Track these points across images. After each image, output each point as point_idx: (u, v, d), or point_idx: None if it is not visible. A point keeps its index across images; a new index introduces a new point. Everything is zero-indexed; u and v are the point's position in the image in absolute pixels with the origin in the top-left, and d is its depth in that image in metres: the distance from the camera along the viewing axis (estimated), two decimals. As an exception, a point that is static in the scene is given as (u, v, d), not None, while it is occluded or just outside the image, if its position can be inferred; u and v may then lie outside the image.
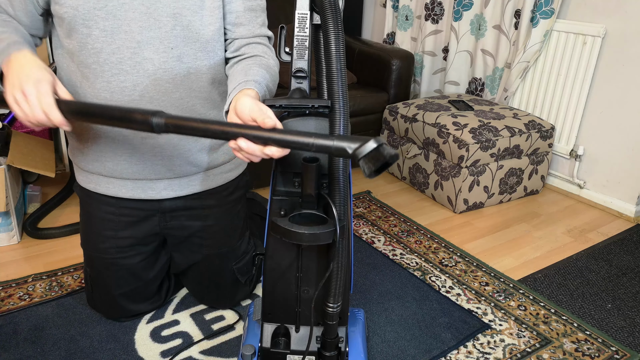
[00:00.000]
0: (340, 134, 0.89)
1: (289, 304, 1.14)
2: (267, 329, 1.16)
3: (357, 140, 0.79)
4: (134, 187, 1.27)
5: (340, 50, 0.90)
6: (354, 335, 1.22)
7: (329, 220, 0.98)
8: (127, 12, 1.09)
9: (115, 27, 1.09)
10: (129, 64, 1.12)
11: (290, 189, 1.05)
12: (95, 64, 1.12)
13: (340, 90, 0.91)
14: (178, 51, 1.15)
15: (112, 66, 1.12)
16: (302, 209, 1.01)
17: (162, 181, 1.28)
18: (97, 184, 1.28)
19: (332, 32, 0.90)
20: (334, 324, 1.08)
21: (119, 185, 1.27)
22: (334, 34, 0.90)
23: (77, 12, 1.07)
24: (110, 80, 1.13)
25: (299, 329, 1.16)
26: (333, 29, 0.90)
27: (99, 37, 1.09)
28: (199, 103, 1.22)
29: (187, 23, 1.13)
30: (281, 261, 1.10)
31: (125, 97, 1.14)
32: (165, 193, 1.29)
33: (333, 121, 0.91)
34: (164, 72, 1.15)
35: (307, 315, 1.15)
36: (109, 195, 1.29)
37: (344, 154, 0.80)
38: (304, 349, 1.13)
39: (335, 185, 0.95)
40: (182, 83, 1.18)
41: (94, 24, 1.08)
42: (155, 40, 1.12)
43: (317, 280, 1.10)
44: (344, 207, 0.97)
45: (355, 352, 1.18)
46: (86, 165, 1.27)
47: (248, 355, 1.09)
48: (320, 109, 1.00)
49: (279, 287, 1.13)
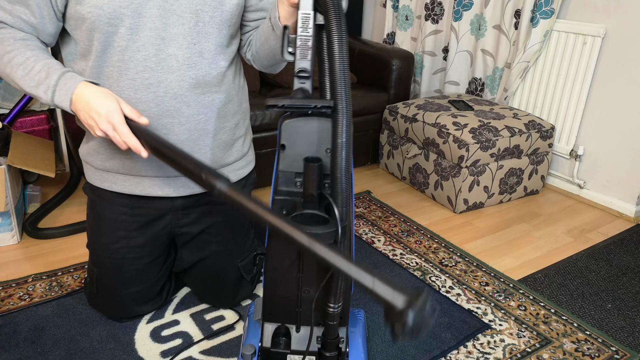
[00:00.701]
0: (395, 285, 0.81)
1: (289, 304, 1.14)
2: (268, 328, 1.16)
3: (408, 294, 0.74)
4: (151, 185, 1.28)
5: (343, 51, 0.90)
6: (354, 336, 1.22)
7: (331, 220, 0.98)
8: (151, 9, 1.10)
9: (141, 25, 1.11)
10: (154, 60, 1.14)
11: (292, 189, 1.05)
12: (120, 61, 1.13)
13: (343, 91, 0.91)
14: (200, 47, 1.17)
15: (137, 63, 1.13)
16: (304, 209, 1.01)
17: (179, 178, 1.29)
18: (113, 182, 1.29)
19: (335, 33, 0.90)
20: (335, 324, 1.08)
21: (136, 183, 1.28)
22: (338, 35, 0.90)
23: (103, 11, 1.08)
24: (135, 77, 1.15)
25: (299, 329, 1.16)
26: (336, 29, 0.90)
27: (124, 35, 1.11)
28: (219, 98, 1.25)
29: (208, 19, 1.16)
30: (282, 261, 1.10)
31: (150, 94, 1.16)
32: (182, 190, 1.30)
33: (336, 122, 0.91)
34: (187, 68, 1.17)
35: (308, 315, 1.14)
36: (125, 194, 1.29)
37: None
38: (305, 349, 1.13)
39: (337, 186, 0.95)
40: (204, 78, 1.20)
41: (120, 22, 1.09)
42: (179, 36, 1.14)
43: (318, 281, 1.09)
44: (345, 208, 0.97)
45: (355, 352, 1.17)
46: (102, 164, 1.27)
47: (248, 355, 1.09)
48: (322, 109, 0.99)
49: (279, 287, 1.12)
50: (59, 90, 1.07)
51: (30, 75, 1.08)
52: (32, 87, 1.08)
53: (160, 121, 1.19)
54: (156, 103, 1.17)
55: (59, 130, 2.22)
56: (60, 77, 1.07)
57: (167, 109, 1.18)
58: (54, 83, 1.07)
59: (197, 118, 1.22)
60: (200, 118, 1.22)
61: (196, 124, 1.22)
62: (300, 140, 1.03)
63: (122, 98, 1.15)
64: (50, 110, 2.26)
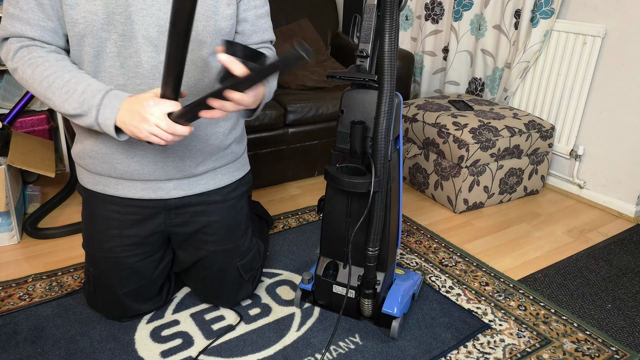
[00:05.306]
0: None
1: (339, 244, 1.42)
2: (322, 261, 1.46)
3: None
4: (144, 188, 1.28)
5: (392, 37, 1.11)
6: (398, 287, 1.45)
7: (367, 173, 1.25)
8: (144, 17, 1.10)
9: (134, 32, 1.10)
10: (146, 67, 1.14)
11: (345, 147, 1.33)
12: (111, 67, 1.13)
13: (387, 68, 1.13)
14: (192, 55, 1.17)
15: (129, 69, 1.13)
16: (350, 163, 1.31)
17: (171, 181, 1.29)
18: (106, 185, 1.29)
19: (387, 22, 1.10)
20: (372, 266, 1.32)
21: (129, 187, 1.28)
22: (389, 24, 1.10)
23: (96, 16, 1.07)
24: (127, 83, 1.15)
25: (346, 266, 1.44)
26: (389, 19, 1.10)
27: (117, 42, 1.11)
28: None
29: (201, 28, 1.16)
30: (335, 205, 1.38)
31: None
32: (175, 193, 1.31)
33: (380, 94, 1.16)
34: None
35: (354, 256, 1.41)
36: (117, 196, 1.29)
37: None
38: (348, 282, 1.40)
39: (376, 145, 1.20)
40: (196, 86, 1.20)
41: (113, 28, 1.09)
42: None
43: (361, 226, 1.35)
44: (383, 165, 1.22)
45: (392, 298, 1.40)
46: (95, 168, 1.27)
47: (307, 279, 1.47)
48: (369, 82, 1.27)
49: (332, 227, 1.41)
50: (104, 109, 1.06)
51: (73, 97, 1.07)
52: (75, 109, 1.08)
53: None
54: None
55: (59, 130, 2.22)
56: (104, 97, 1.07)
57: None
58: (98, 103, 1.06)
59: None
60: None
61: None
62: (355, 107, 1.30)
63: None
64: (50, 110, 2.26)
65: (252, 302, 1.54)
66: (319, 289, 1.46)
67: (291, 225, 2.00)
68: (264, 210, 1.96)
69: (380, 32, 1.13)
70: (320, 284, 1.45)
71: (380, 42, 1.13)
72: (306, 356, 1.34)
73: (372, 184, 1.21)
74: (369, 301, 1.39)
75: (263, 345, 1.37)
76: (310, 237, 1.91)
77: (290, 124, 2.25)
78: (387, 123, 1.18)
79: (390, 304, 1.39)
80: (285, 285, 1.63)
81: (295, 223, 2.01)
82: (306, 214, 2.09)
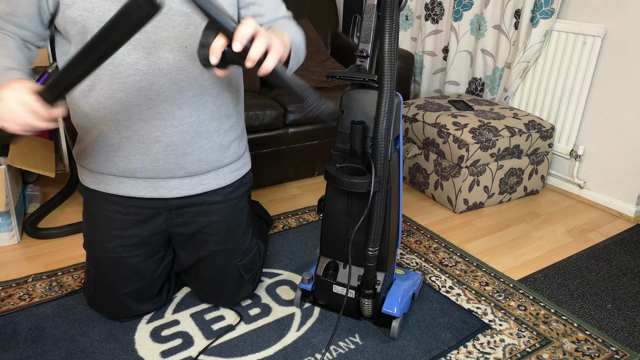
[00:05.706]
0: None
1: (339, 244, 1.42)
2: (322, 261, 1.46)
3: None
4: (146, 186, 1.28)
5: (392, 38, 1.12)
6: (398, 287, 1.45)
7: (367, 173, 1.25)
8: None
9: None
10: (145, 64, 1.14)
11: (345, 146, 1.32)
12: (110, 65, 1.13)
13: (388, 68, 1.13)
14: (192, 50, 1.17)
15: (127, 67, 1.13)
16: (349, 163, 1.31)
17: (173, 180, 1.29)
18: (108, 184, 1.29)
19: (387, 22, 1.10)
20: (372, 266, 1.33)
21: (131, 185, 1.28)
22: (389, 25, 1.10)
23: (92, 14, 1.08)
24: (126, 81, 1.14)
25: (346, 266, 1.44)
26: (389, 19, 1.10)
27: None
28: (211, 100, 1.25)
29: (200, 22, 1.15)
30: (335, 205, 1.38)
31: (142, 97, 1.16)
32: (177, 192, 1.31)
33: (380, 94, 1.16)
34: (179, 71, 1.16)
35: (354, 256, 1.41)
36: (119, 195, 1.29)
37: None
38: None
39: (376, 145, 1.20)
40: (196, 81, 1.20)
41: None
42: (170, 39, 1.13)
43: (361, 226, 1.34)
44: (383, 165, 1.22)
45: (392, 298, 1.40)
46: (96, 167, 1.27)
47: (307, 279, 1.47)
48: (369, 82, 1.27)
49: (332, 227, 1.41)
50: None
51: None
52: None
53: (152, 123, 1.19)
54: (148, 106, 1.17)
55: (59, 130, 2.22)
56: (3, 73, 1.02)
57: (159, 111, 1.18)
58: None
59: (189, 120, 1.22)
60: (192, 120, 1.22)
61: (189, 126, 1.22)
62: (355, 107, 1.30)
63: (113, 101, 1.16)
64: (50, 110, 2.25)
65: (252, 302, 1.54)
66: (319, 289, 1.46)
67: (291, 225, 2.00)
68: (263, 210, 1.96)
69: (380, 32, 1.13)
70: (320, 284, 1.45)
71: (380, 42, 1.14)
72: (306, 356, 1.34)
73: (372, 184, 1.22)
74: (369, 301, 1.39)
75: (263, 345, 1.37)
76: (310, 237, 1.91)
77: (290, 124, 2.25)
78: (387, 123, 1.18)
79: (390, 304, 1.39)
80: (285, 285, 1.63)
81: (295, 223, 2.01)
82: (306, 214, 2.09)
